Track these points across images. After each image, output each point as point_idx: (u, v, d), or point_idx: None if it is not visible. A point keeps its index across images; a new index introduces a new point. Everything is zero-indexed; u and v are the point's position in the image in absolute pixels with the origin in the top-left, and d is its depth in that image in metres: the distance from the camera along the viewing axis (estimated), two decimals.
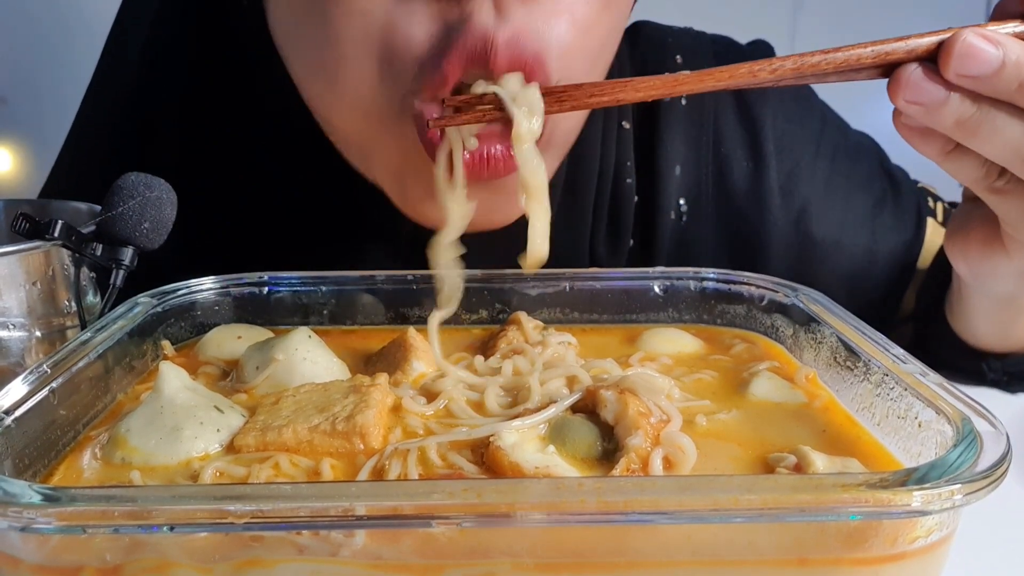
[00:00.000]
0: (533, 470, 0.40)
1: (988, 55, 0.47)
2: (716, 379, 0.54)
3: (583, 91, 0.52)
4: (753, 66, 0.49)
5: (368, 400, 0.46)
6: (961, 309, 0.74)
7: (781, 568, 0.35)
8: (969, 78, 0.47)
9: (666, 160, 0.82)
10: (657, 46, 0.86)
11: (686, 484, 0.34)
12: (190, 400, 0.46)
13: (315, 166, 0.74)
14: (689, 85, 0.50)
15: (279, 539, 0.34)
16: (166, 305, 0.59)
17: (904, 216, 0.85)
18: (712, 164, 0.84)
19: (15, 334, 0.55)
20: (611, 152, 0.81)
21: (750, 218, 0.83)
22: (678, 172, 0.83)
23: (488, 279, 0.64)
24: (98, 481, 0.42)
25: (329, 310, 0.64)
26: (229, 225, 0.78)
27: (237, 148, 0.77)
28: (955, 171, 0.53)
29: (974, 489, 0.33)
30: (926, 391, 0.43)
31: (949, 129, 0.50)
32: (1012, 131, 0.49)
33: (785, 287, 0.61)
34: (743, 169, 0.84)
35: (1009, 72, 0.47)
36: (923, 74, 0.48)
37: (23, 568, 0.34)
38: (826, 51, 0.49)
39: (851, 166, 0.86)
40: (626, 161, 0.82)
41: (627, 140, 0.82)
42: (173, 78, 0.79)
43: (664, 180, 0.82)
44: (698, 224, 0.83)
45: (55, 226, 0.54)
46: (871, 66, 0.49)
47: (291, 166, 0.76)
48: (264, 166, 0.77)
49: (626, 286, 0.65)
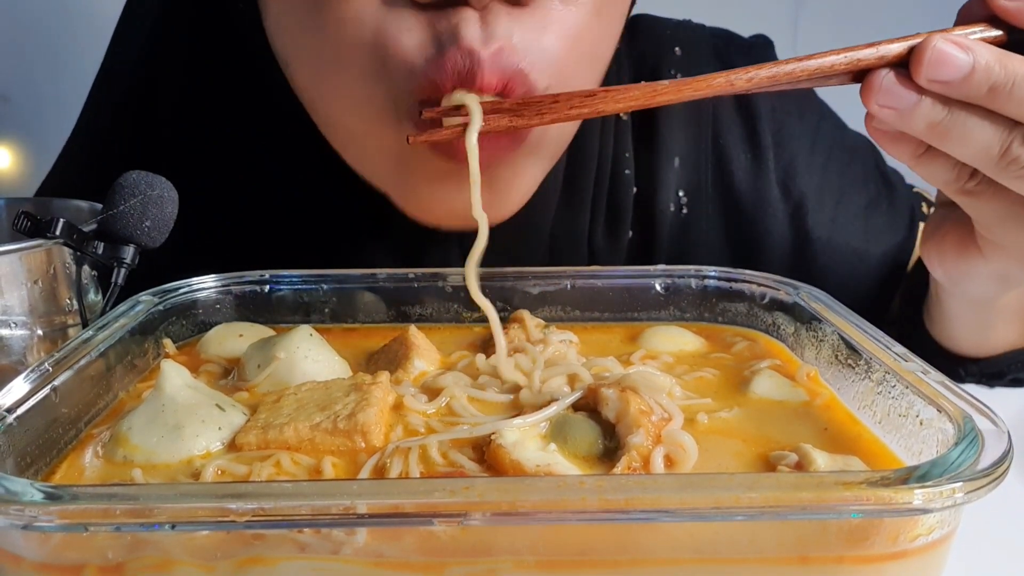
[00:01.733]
0: (534, 468, 0.40)
1: (958, 60, 0.47)
2: (717, 377, 0.54)
3: (563, 103, 0.52)
4: (730, 75, 0.50)
5: (369, 398, 0.46)
6: (939, 314, 0.75)
7: (783, 566, 0.35)
8: (940, 83, 0.48)
9: (665, 152, 0.83)
10: (655, 39, 0.86)
11: (687, 482, 0.34)
12: (192, 398, 0.46)
13: (315, 166, 0.74)
14: (668, 95, 0.51)
15: (281, 537, 0.34)
16: (167, 303, 0.59)
17: (897, 218, 0.85)
18: (712, 156, 0.84)
19: (17, 332, 0.55)
20: (609, 144, 0.81)
21: (749, 211, 0.84)
22: (677, 164, 0.83)
23: (490, 277, 0.64)
24: (100, 479, 0.42)
25: (330, 308, 0.64)
26: (230, 224, 0.78)
27: (237, 148, 0.77)
28: (927, 174, 0.54)
29: (975, 487, 0.33)
30: (927, 389, 0.43)
31: (921, 133, 0.50)
32: (982, 134, 0.49)
33: (786, 285, 0.61)
34: (742, 161, 0.84)
35: (979, 77, 0.47)
36: (895, 79, 0.49)
37: (25, 566, 0.34)
38: (800, 58, 0.50)
39: (847, 164, 0.86)
40: (625, 152, 0.82)
41: (626, 131, 0.83)
42: (173, 77, 0.79)
43: (663, 172, 0.82)
44: (698, 216, 0.83)
45: (56, 224, 0.54)
46: (844, 72, 0.50)
47: (291, 166, 0.76)
48: (264, 166, 0.77)
49: (627, 284, 0.65)
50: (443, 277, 0.64)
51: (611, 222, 0.82)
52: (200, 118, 0.78)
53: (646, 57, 0.85)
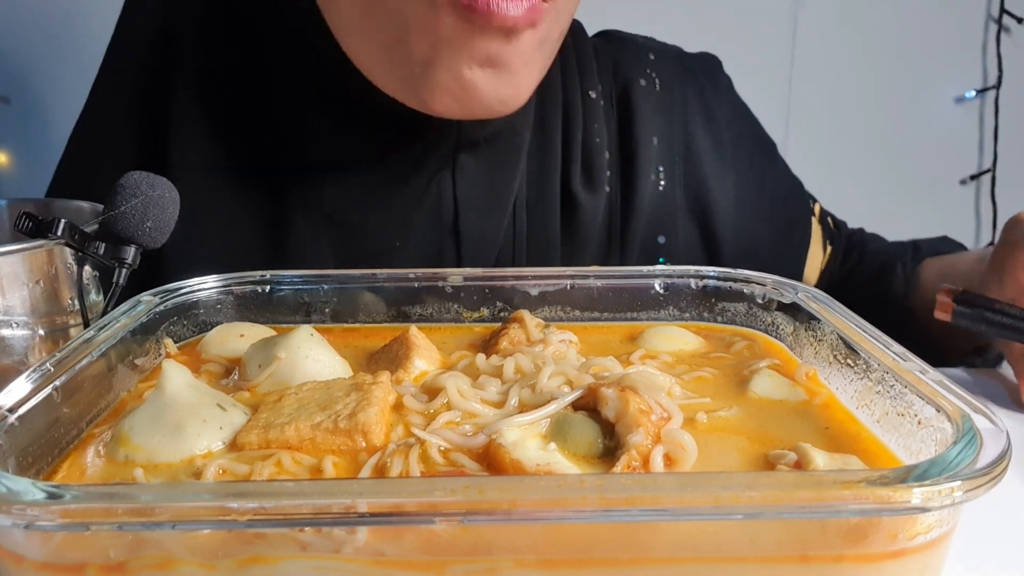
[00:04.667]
0: (534, 467, 0.40)
1: None
2: (717, 377, 0.55)
3: None
4: None
5: (370, 398, 0.46)
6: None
7: (783, 564, 0.35)
8: None
9: (644, 131, 0.92)
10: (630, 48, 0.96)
11: (687, 481, 0.34)
12: (193, 398, 0.46)
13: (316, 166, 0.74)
14: None
15: (282, 536, 0.34)
16: (169, 303, 0.60)
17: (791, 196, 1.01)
18: (682, 138, 0.94)
19: (18, 332, 0.55)
20: (575, 105, 0.89)
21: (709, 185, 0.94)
22: (655, 143, 0.92)
23: (490, 277, 0.64)
24: (101, 479, 0.42)
25: (331, 308, 0.64)
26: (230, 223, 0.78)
27: (237, 147, 0.78)
28: None
29: (974, 486, 0.33)
30: (926, 388, 0.43)
31: None
32: None
33: (785, 285, 0.61)
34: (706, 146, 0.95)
35: None
36: None
37: (27, 565, 0.35)
38: None
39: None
40: (594, 123, 0.90)
41: (595, 107, 0.91)
42: (174, 76, 0.79)
43: (644, 147, 0.91)
44: (672, 188, 0.92)
45: (58, 225, 0.54)
46: None
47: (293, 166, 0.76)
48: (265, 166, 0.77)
49: (627, 284, 0.65)
50: (443, 277, 0.64)
51: (587, 175, 0.89)
52: (201, 117, 0.78)
53: (620, 66, 0.94)
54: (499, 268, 0.65)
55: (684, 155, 0.93)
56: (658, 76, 0.94)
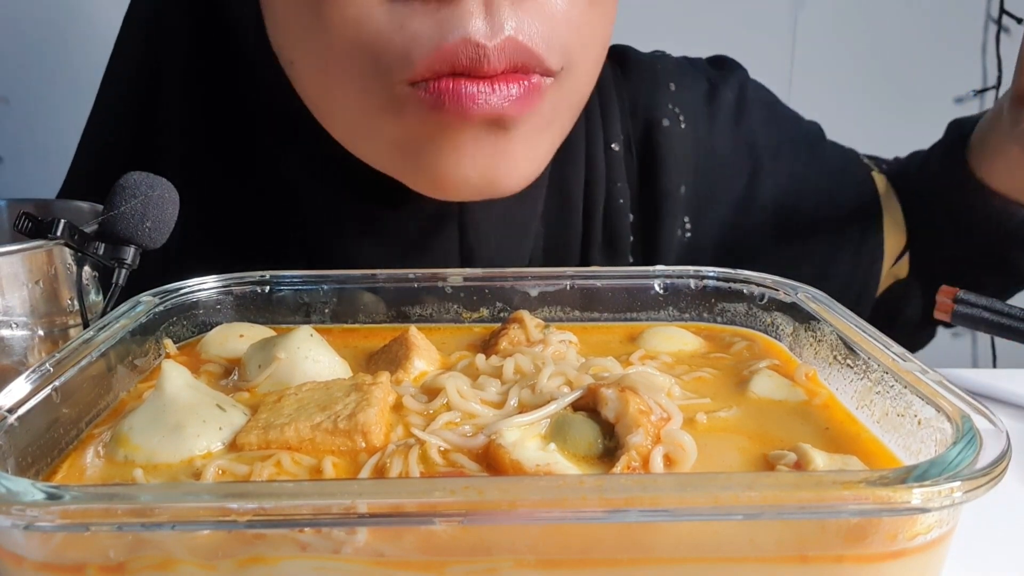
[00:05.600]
0: (534, 468, 0.40)
1: None
2: (716, 377, 0.55)
3: None
4: None
5: (370, 398, 0.46)
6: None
7: (783, 565, 0.35)
8: None
9: (671, 181, 0.83)
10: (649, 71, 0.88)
11: (687, 481, 0.34)
12: (192, 398, 0.46)
13: (316, 166, 0.74)
14: None
15: (282, 536, 0.34)
16: (168, 304, 0.60)
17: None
18: (712, 179, 0.85)
19: (18, 333, 0.55)
20: (599, 163, 0.82)
21: (743, 224, 0.86)
22: (683, 191, 0.84)
23: (489, 277, 0.64)
24: (101, 479, 0.42)
25: (331, 309, 0.64)
26: (230, 224, 0.78)
27: (237, 147, 0.78)
28: None
29: (974, 486, 0.33)
30: (926, 388, 0.43)
31: None
32: None
33: (785, 286, 0.61)
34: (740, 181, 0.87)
35: None
36: None
37: (26, 566, 0.35)
38: None
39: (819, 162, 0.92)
40: (617, 181, 0.83)
41: (617, 161, 0.83)
42: (173, 77, 0.79)
43: (670, 200, 0.83)
44: (701, 237, 0.85)
45: (57, 225, 0.54)
46: None
47: (293, 166, 0.76)
48: (266, 166, 0.77)
49: (627, 284, 0.65)
50: (443, 277, 0.64)
51: (608, 243, 0.83)
52: (201, 117, 0.78)
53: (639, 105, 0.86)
54: (499, 268, 0.65)
55: (711, 198, 0.85)
56: (682, 112, 0.85)
